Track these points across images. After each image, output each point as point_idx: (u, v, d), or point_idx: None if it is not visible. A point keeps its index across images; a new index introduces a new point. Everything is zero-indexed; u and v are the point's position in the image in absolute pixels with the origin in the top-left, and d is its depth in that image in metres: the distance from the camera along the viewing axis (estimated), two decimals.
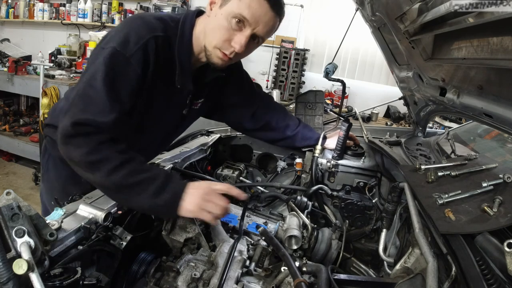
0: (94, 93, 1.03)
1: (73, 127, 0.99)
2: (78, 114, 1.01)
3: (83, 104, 1.03)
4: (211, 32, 1.15)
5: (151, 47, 1.10)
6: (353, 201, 1.53)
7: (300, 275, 0.95)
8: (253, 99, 1.63)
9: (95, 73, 1.03)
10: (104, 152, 1.00)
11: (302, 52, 4.21)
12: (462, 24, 0.80)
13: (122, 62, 1.06)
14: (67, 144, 1.02)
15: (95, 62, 1.06)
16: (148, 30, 1.10)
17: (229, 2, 1.10)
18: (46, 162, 1.49)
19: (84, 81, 1.06)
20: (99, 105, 1.02)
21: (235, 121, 1.69)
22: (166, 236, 1.20)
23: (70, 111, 1.03)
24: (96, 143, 1.00)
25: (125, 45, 1.06)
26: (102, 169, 0.99)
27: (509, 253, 0.66)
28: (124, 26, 1.12)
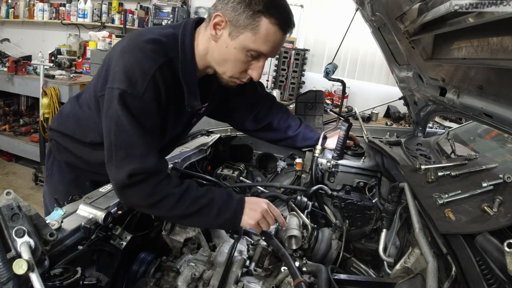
0: (128, 138, 1.03)
1: (129, 179, 1.01)
2: (127, 164, 1.02)
3: (125, 152, 1.03)
4: (225, 63, 1.12)
5: (159, 78, 1.06)
6: (353, 201, 1.53)
7: (300, 275, 0.95)
8: (255, 100, 1.62)
9: (117, 118, 1.03)
10: (163, 192, 1.04)
11: (302, 52, 4.21)
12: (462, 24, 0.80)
13: (136, 102, 1.04)
14: (125, 193, 1.05)
15: (110, 105, 1.04)
16: (152, 62, 1.05)
17: (242, 35, 1.04)
18: (51, 165, 1.49)
19: (112, 128, 1.04)
20: (140, 149, 1.04)
21: (237, 122, 1.69)
22: (166, 236, 1.20)
23: (115, 161, 1.03)
24: (152, 186, 1.03)
25: (133, 85, 1.03)
26: (165, 207, 1.04)
27: (509, 253, 0.66)
28: (124, 61, 1.06)
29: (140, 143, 1.04)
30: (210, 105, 1.43)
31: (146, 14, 4.89)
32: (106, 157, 1.07)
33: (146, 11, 4.89)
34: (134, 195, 1.04)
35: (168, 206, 1.04)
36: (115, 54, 1.10)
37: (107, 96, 1.06)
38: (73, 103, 1.41)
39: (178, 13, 4.53)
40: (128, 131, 1.03)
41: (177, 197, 1.04)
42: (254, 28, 1.03)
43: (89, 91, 1.31)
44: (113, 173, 1.04)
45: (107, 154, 1.07)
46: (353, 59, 4.36)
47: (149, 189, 1.03)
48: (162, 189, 1.04)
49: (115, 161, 1.04)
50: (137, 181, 1.02)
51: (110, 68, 1.09)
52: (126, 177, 1.01)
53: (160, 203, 1.03)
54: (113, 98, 1.03)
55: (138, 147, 1.04)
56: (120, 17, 4.83)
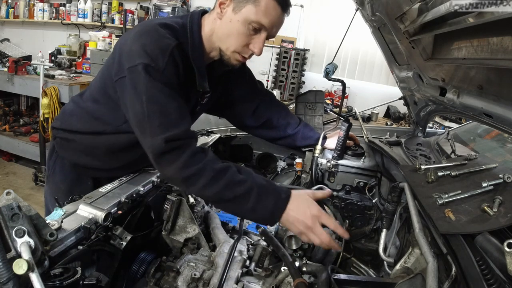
0: (161, 107, 1.05)
1: (166, 144, 1.01)
2: (162, 131, 1.02)
3: (159, 120, 1.04)
4: (228, 38, 1.17)
5: (176, 55, 1.11)
6: (353, 201, 1.53)
7: (300, 275, 0.95)
8: (254, 95, 1.63)
9: (147, 90, 1.05)
10: (198, 166, 1.02)
11: (302, 52, 4.21)
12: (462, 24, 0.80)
13: (159, 75, 1.07)
14: (160, 161, 1.04)
15: (137, 82, 1.06)
16: (168, 41, 1.11)
17: (244, 8, 1.12)
18: (53, 164, 1.50)
19: (144, 101, 1.05)
20: (174, 115, 1.06)
21: (236, 117, 1.69)
22: (166, 236, 1.20)
23: (149, 130, 1.04)
24: (188, 155, 1.02)
25: (155, 60, 1.06)
26: (197, 183, 1.02)
27: (509, 253, 0.66)
28: (141, 41, 1.10)
29: (173, 110, 1.06)
30: (212, 96, 1.45)
31: (146, 14, 4.89)
32: (139, 132, 1.08)
33: (146, 11, 4.89)
34: (171, 163, 1.02)
35: (201, 183, 1.01)
36: (129, 38, 1.13)
37: (131, 76, 1.08)
38: (77, 101, 1.43)
39: (178, 13, 4.53)
40: (160, 99, 1.05)
41: (211, 174, 1.01)
42: (256, 1, 1.11)
43: (94, 86, 1.35)
44: (149, 142, 1.04)
45: (139, 129, 1.07)
46: (353, 59, 4.36)
47: (185, 158, 1.01)
48: (197, 161, 1.02)
49: (150, 131, 1.04)
50: (174, 147, 1.02)
51: (123, 52, 1.12)
52: (163, 142, 1.01)
53: (193, 178, 1.01)
54: (139, 74, 1.05)
55: (172, 114, 1.06)
56: (120, 17, 4.82)
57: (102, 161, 1.39)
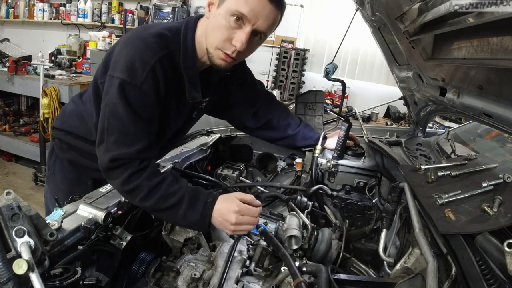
0: (121, 125, 1.09)
1: (111, 162, 1.09)
2: (113, 149, 1.09)
3: (115, 137, 1.09)
4: (211, 34, 1.12)
5: (158, 70, 1.10)
6: (353, 201, 1.53)
7: (300, 275, 0.95)
8: (255, 97, 1.63)
9: (113, 105, 1.08)
10: (135, 182, 1.08)
11: (302, 52, 4.21)
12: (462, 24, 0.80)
13: (134, 91, 1.08)
14: (108, 176, 1.13)
15: (109, 92, 1.10)
16: (152, 54, 1.08)
17: (226, 1, 1.07)
18: (53, 164, 1.51)
19: (107, 113, 1.10)
20: (130, 137, 1.10)
21: (237, 119, 1.69)
22: (166, 236, 1.20)
23: (105, 144, 1.11)
24: (128, 174, 1.08)
25: (133, 74, 1.07)
26: (136, 197, 1.10)
27: (509, 253, 0.66)
28: (126, 51, 1.10)
29: (132, 131, 1.10)
30: (211, 100, 1.44)
31: (146, 14, 4.89)
32: (98, 140, 1.13)
33: (146, 11, 4.89)
34: (113, 179, 1.11)
35: (139, 197, 1.08)
36: (118, 44, 1.18)
37: (107, 83, 1.12)
38: (76, 101, 1.43)
39: (178, 13, 4.53)
40: (122, 118, 1.08)
41: (146, 191, 1.08)
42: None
43: (92, 87, 1.34)
44: (101, 155, 1.12)
45: (99, 137, 1.13)
46: (353, 59, 4.36)
47: (125, 176, 1.08)
48: (135, 179, 1.08)
49: (105, 144, 1.10)
50: (115, 166, 1.09)
51: (111, 57, 1.16)
52: (108, 161, 1.08)
53: (133, 192, 1.09)
54: (112, 86, 1.09)
55: (129, 135, 1.10)
56: (120, 17, 4.82)
57: None
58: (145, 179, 1.09)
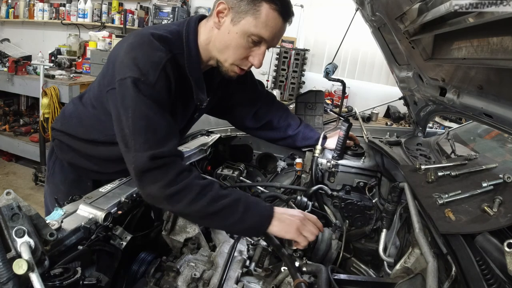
0: (149, 123, 1.01)
1: (151, 161, 0.98)
2: (148, 148, 0.99)
3: (145, 137, 1.00)
4: (226, 50, 1.13)
5: (169, 70, 1.08)
6: (353, 201, 1.53)
7: (300, 275, 0.95)
8: (256, 98, 1.63)
9: (135, 105, 1.01)
10: (183, 182, 0.99)
11: (302, 52, 4.21)
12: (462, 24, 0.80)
13: (149, 89, 1.04)
14: (143, 178, 1.00)
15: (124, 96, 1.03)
16: (161, 55, 1.07)
17: (243, 20, 1.07)
18: (53, 165, 1.50)
19: (129, 117, 1.01)
20: (161, 133, 1.02)
21: (237, 120, 1.69)
22: (166, 236, 1.20)
23: (134, 147, 1.00)
24: (174, 173, 0.99)
25: (145, 75, 1.04)
26: (183, 200, 0.98)
27: (509, 253, 0.66)
28: (135, 54, 1.07)
29: (160, 127, 1.03)
30: (212, 100, 1.43)
31: (146, 14, 4.89)
32: (123, 147, 1.03)
33: (146, 11, 4.89)
34: (154, 182, 0.98)
35: (187, 199, 0.98)
36: (122, 49, 1.10)
37: (119, 89, 1.05)
38: (76, 103, 1.42)
39: (178, 13, 4.53)
40: (147, 116, 1.01)
41: (197, 190, 0.99)
42: (255, 13, 1.06)
43: (93, 91, 1.32)
44: (132, 158, 0.99)
45: (123, 144, 1.03)
46: (353, 59, 4.36)
47: (170, 176, 0.98)
48: (183, 178, 0.99)
49: (134, 148, 1.00)
50: (159, 165, 0.98)
51: (116, 63, 1.09)
52: (148, 159, 0.97)
53: (179, 194, 0.98)
54: (127, 88, 1.02)
55: (158, 131, 1.02)
56: (120, 17, 4.82)
57: (100, 165, 1.40)
58: (195, 178, 1.01)
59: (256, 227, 1.05)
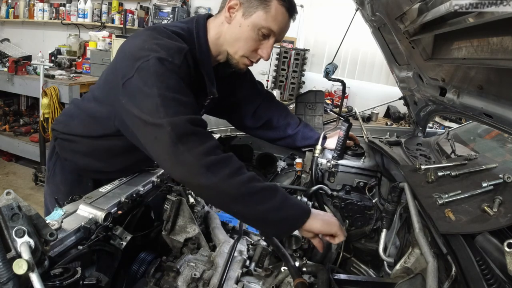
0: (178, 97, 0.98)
1: (191, 124, 0.93)
2: (184, 113, 0.94)
3: (176, 109, 0.95)
4: (237, 42, 1.18)
5: (189, 58, 1.10)
6: (353, 201, 1.53)
7: (300, 275, 0.95)
8: (255, 97, 1.64)
9: (163, 80, 0.97)
10: (223, 155, 0.94)
11: (302, 52, 4.21)
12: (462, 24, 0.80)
13: (175, 69, 1.02)
14: (181, 145, 0.91)
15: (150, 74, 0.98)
16: (180, 46, 1.08)
17: (254, 14, 1.13)
18: (53, 165, 1.49)
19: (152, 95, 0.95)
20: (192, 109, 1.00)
21: (236, 119, 1.70)
22: (166, 236, 1.20)
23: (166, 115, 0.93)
24: (213, 144, 0.95)
25: (172, 55, 1.03)
26: (221, 172, 0.91)
27: (509, 253, 0.66)
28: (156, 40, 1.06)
29: (189, 102, 0.99)
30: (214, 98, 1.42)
31: (146, 14, 4.89)
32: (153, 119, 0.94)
33: (146, 11, 4.89)
34: (193, 148, 0.91)
35: (226, 172, 0.90)
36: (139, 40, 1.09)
37: (140, 73, 0.99)
38: (77, 103, 1.44)
39: (178, 13, 4.53)
40: (177, 89, 0.98)
41: (237, 165, 0.93)
42: (266, 7, 1.13)
43: (97, 89, 1.32)
44: (167, 125, 0.91)
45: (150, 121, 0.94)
46: (353, 59, 4.36)
47: (210, 144, 0.92)
48: (219, 152, 0.94)
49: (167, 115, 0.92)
50: (198, 132, 0.93)
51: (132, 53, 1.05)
52: (187, 122, 0.92)
53: (219, 165, 0.91)
54: (152, 66, 0.98)
55: (188, 106, 0.98)
56: (120, 17, 4.82)
57: (102, 163, 1.39)
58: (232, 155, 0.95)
59: (295, 218, 0.98)
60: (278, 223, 0.98)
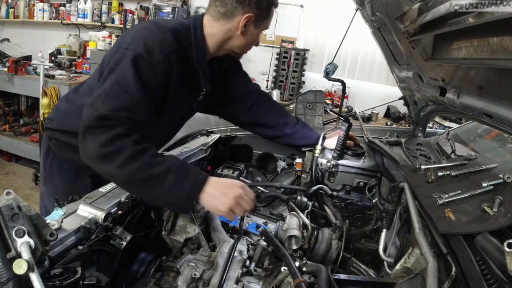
0: (126, 92, 1.07)
1: (97, 120, 1.02)
2: (105, 109, 1.04)
3: (113, 101, 1.05)
4: (248, 46, 1.37)
5: (173, 59, 1.18)
6: (353, 201, 1.53)
7: (300, 275, 0.95)
8: (250, 94, 1.69)
9: (124, 74, 1.09)
10: (118, 144, 1.01)
11: (302, 52, 4.21)
12: (462, 24, 0.81)
13: (148, 67, 1.12)
14: (86, 135, 1.04)
15: (120, 63, 1.10)
16: (170, 44, 1.18)
17: (264, 22, 1.32)
18: (50, 165, 1.50)
19: (114, 80, 1.08)
20: (132, 103, 1.07)
21: (233, 114, 1.74)
22: (166, 236, 1.20)
23: (96, 105, 1.05)
24: (113, 134, 1.01)
25: (151, 53, 1.13)
26: (114, 162, 1.00)
27: (509, 253, 0.66)
28: (146, 33, 1.17)
29: (133, 100, 1.08)
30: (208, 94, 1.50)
31: (146, 14, 4.88)
32: (90, 101, 1.08)
33: (146, 11, 4.88)
34: (92, 141, 1.02)
35: (118, 161, 1.00)
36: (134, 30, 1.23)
37: (119, 55, 1.12)
38: (71, 98, 1.44)
39: (178, 13, 4.52)
40: (127, 86, 1.07)
41: (129, 153, 1.00)
42: (269, 15, 1.33)
43: (92, 80, 1.36)
44: (88, 112, 1.05)
45: (92, 99, 1.08)
46: (353, 59, 4.36)
47: (109, 136, 1.01)
48: (119, 141, 1.02)
49: (96, 106, 1.05)
50: (102, 125, 1.02)
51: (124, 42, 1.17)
52: (95, 118, 1.02)
53: (112, 155, 1.00)
54: (126, 57, 1.10)
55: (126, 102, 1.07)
56: (120, 17, 4.82)
57: None
58: (130, 142, 1.03)
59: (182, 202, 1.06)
60: (170, 205, 1.11)
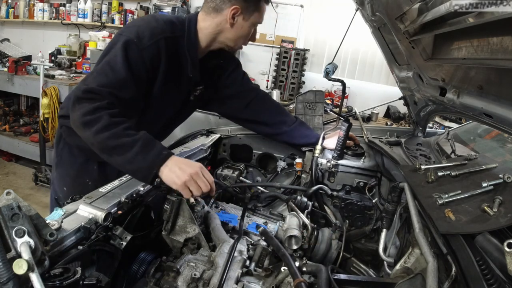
0: (111, 71, 1.22)
1: (84, 93, 1.17)
2: (92, 83, 1.19)
3: (101, 78, 1.21)
4: (240, 39, 1.43)
5: (162, 46, 1.30)
6: (353, 201, 1.53)
7: (300, 275, 0.95)
8: (247, 91, 1.73)
9: (115, 55, 1.24)
10: (97, 114, 1.14)
11: (302, 52, 4.21)
12: (462, 24, 0.81)
13: (136, 52, 1.25)
14: (74, 105, 1.18)
15: (114, 47, 1.26)
16: (160, 31, 1.31)
17: (253, 15, 1.38)
18: (61, 150, 1.62)
19: (105, 61, 1.25)
20: (114, 80, 1.21)
21: (229, 111, 1.78)
22: (166, 236, 1.20)
23: (87, 80, 1.24)
24: (94, 106, 1.15)
25: (141, 38, 1.27)
26: (91, 128, 1.13)
27: (509, 253, 0.66)
28: (141, 22, 1.37)
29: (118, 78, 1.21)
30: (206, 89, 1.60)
31: (146, 14, 4.88)
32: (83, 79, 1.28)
33: (146, 11, 4.88)
34: (78, 110, 1.16)
35: (94, 129, 1.12)
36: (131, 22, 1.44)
37: (113, 40, 1.31)
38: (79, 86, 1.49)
39: (178, 13, 4.52)
40: (115, 66, 1.22)
41: (105, 123, 1.12)
42: (258, 8, 1.39)
43: None
44: (79, 85, 1.25)
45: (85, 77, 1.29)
46: (353, 59, 4.36)
47: (91, 107, 1.14)
48: (98, 112, 1.14)
49: (87, 81, 1.23)
50: (86, 98, 1.16)
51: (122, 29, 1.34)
52: (82, 91, 1.17)
53: (91, 123, 1.13)
54: (118, 42, 1.25)
55: (113, 80, 1.21)
56: (120, 17, 4.82)
57: None
58: (108, 114, 1.15)
59: (143, 172, 1.14)
60: (132, 173, 1.21)
